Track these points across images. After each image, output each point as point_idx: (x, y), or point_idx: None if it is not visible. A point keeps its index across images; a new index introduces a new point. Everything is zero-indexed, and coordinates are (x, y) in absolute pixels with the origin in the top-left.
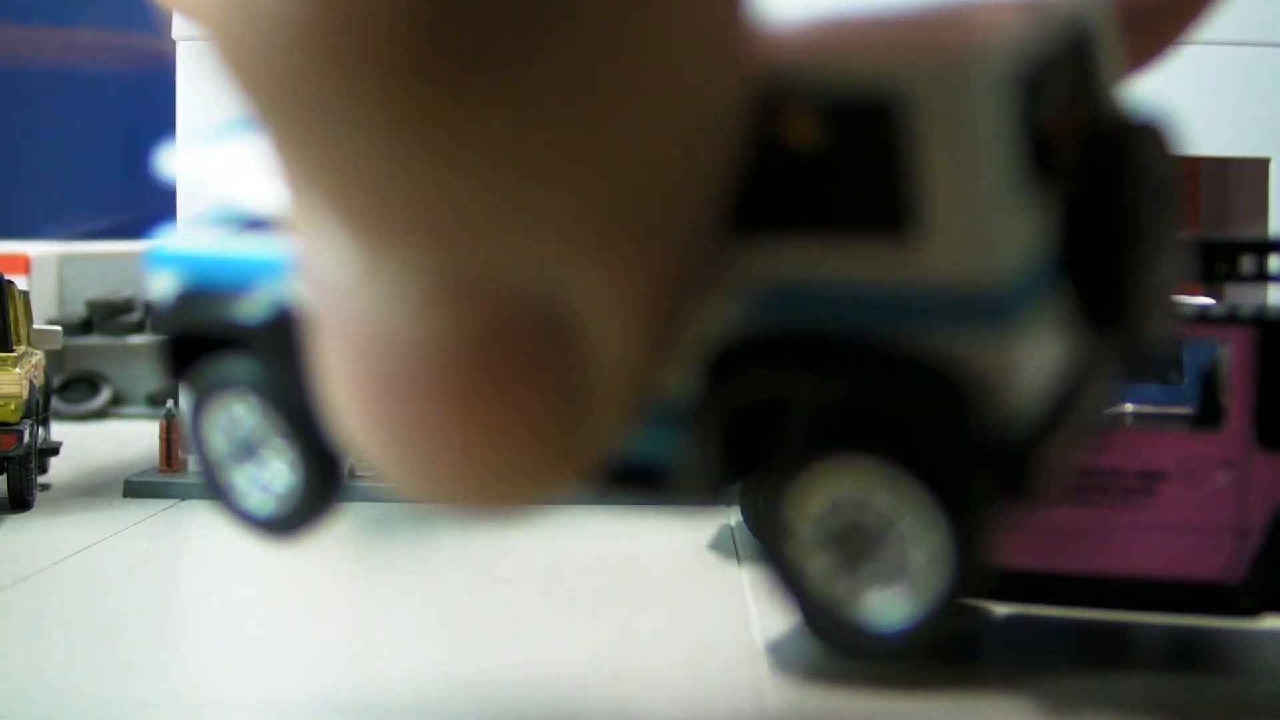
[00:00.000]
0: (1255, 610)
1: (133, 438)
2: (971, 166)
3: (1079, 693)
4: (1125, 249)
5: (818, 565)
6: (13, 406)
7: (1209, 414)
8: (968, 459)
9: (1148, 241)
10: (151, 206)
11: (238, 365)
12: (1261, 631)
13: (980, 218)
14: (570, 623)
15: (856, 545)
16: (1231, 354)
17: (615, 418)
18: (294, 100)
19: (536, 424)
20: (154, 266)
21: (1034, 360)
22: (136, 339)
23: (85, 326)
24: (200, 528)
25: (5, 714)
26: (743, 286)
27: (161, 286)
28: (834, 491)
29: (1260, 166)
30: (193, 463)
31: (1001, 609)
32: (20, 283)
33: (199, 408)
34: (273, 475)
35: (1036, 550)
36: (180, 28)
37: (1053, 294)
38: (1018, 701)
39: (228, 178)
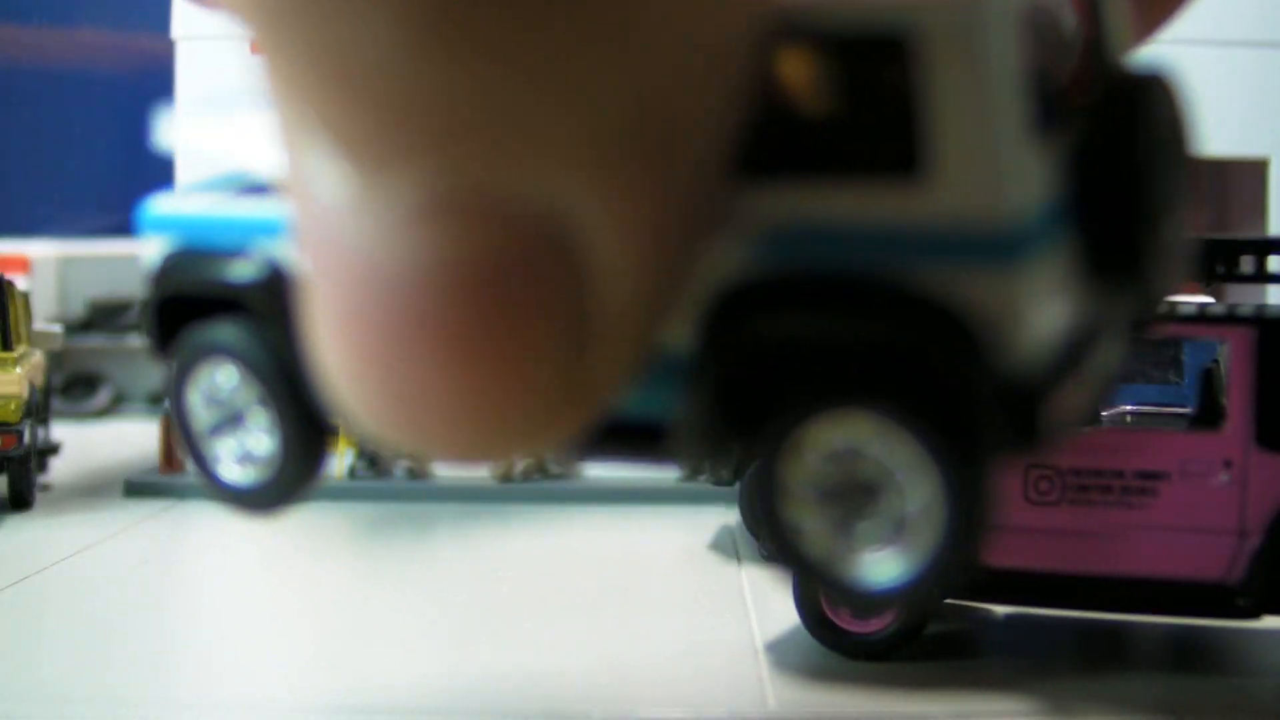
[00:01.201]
0: (1255, 611)
1: (133, 438)
2: (982, 106)
3: (1079, 693)
4: (1136, 199)
5: (814, 523)
6: (13, 406)
7: (1209, 414)
8: (971, 404)
9: (1159, 193)
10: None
11: (224, 330)
12: (1261, 631)
13: (990, 157)
14: (570, 623)
15: (853, 500)
16: (1231, 354)
17: (620, 361)
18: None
19: (538, 359)
20: (147, 228)
21: (1041, 304)
22: (137, 339)
23: (85, 326)
24: (200, 528)
25: (5, 713)
26: (747, 230)
27: (154, 249)
28: (831, 445)
29: (1260, 167)
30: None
31: (1001, 609)
32: (20, 283)
33: (182, 375)
34: (254, 444)
35: (1037, 550)
36: (180, 28)
37: (1063, 240)
38: (1018, 702)
39: (226, 144)
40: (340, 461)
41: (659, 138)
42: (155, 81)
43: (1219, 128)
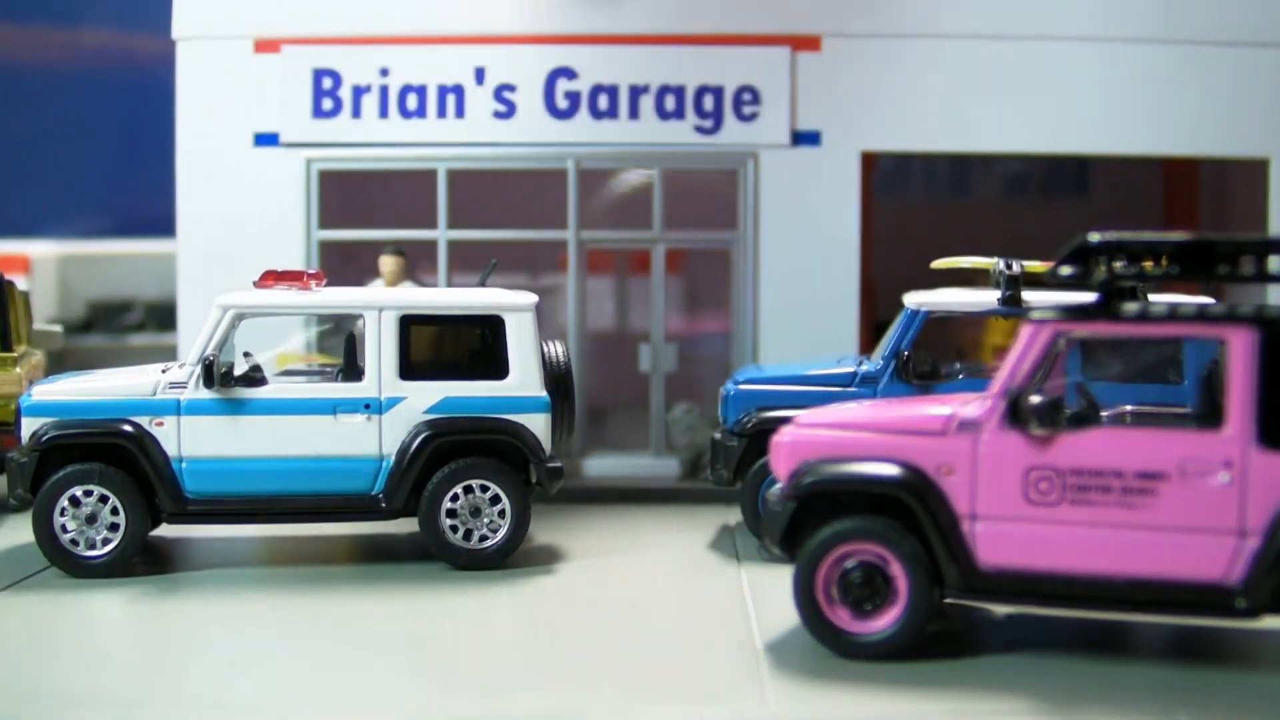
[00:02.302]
0: (1255, 612)
1: None
2: (527, 348)
3: (1078, 692)
4: (564, 388)
5: (457, 521)
6: (13, 406)
7: (1209, 414)
8: (527, 468)
9: (566, 386)
10: (151, 207)
11: None
12: (1262, 631)
13: (529, 369)
14: (570, 623)
15: (476, 509)
16: (1231, 354)
17: None
18: None
19: None
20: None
21: (551, 426)
22: (136, 339)
23: (85, 326)
24: (200, 528)
25: (5, 713)
26: (428, 404)
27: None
28: (468, 485)
29: (1260, 166)
30: None
31: (1001, 609)
32: (20, 283)
33: None
34: None
35: (1037, 550)
36: (180, 28)
37: (553, 402)
38: (1018, 701)
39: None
40: None
41: None
42: (155, 81)
43: (1221, 127)
